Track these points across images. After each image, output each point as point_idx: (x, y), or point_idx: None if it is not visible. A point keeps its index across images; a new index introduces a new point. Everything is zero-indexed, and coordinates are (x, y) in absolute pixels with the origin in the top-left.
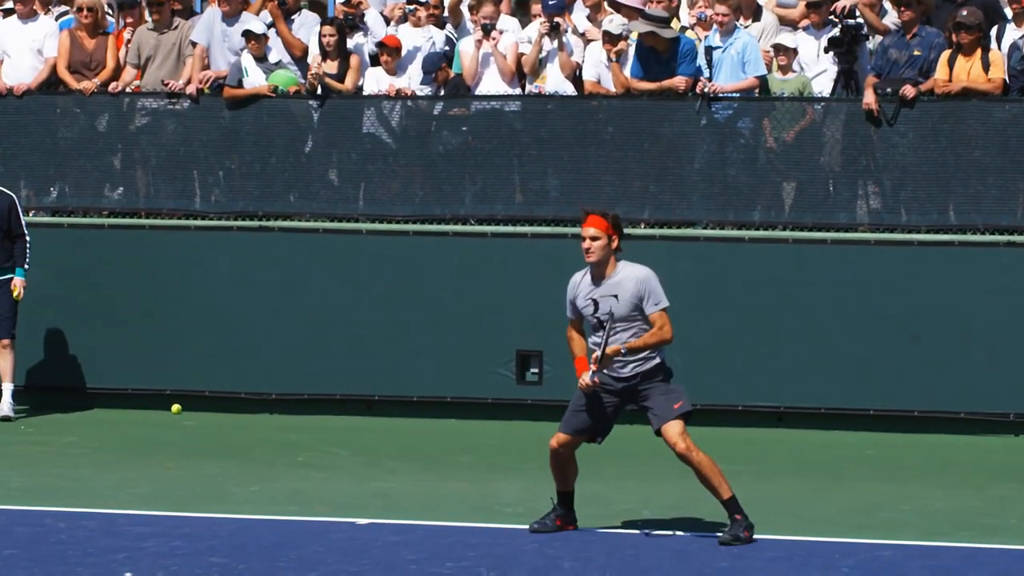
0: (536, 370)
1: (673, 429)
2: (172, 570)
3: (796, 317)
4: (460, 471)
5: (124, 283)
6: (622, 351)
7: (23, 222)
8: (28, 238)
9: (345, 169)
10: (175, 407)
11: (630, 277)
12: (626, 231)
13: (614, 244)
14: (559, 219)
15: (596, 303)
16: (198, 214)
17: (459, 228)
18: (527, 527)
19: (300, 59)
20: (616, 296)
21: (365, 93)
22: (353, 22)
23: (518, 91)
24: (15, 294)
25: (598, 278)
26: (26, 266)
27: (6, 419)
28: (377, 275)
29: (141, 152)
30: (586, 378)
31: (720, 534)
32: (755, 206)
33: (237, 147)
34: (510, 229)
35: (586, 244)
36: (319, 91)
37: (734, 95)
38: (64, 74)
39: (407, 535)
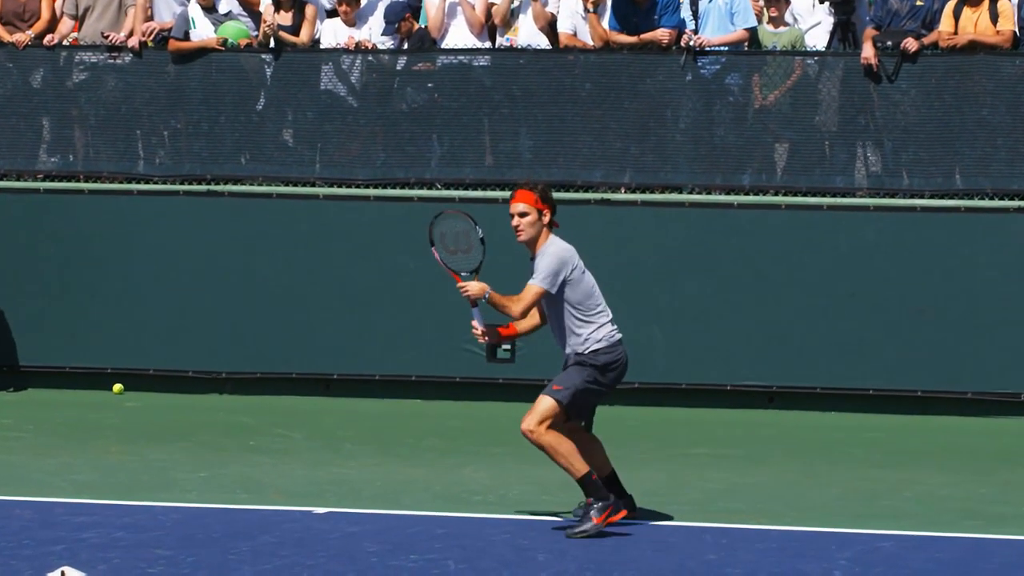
0: (508, 347)
1: (539, 403)
2: (114, 563)
3: (789, 289)
4: (425, 456)
5: (61, 253)
6: (484, 297)
7: None
8: None
9: (300, 129)
10: (117, 387)
11: (543, 253)
12: (606, 196)
13: (545, 218)
14: (533, 183)
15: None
16: (141, 178)
17: (424, 193)
18: (498, 516)
19: (252, 10)
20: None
21: (322, 46)
22: None
23: (488, 44)
24: None
25: (531, 255)
26: None
27: None
28: (336, 244)
29: (79, 111)
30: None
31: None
32: (745, 169)
33: (183, 105)
34: (480, 194)
35: (514, 222)
36: (272, 44)
37: (722, 49)
38: None
39: (367, 525)
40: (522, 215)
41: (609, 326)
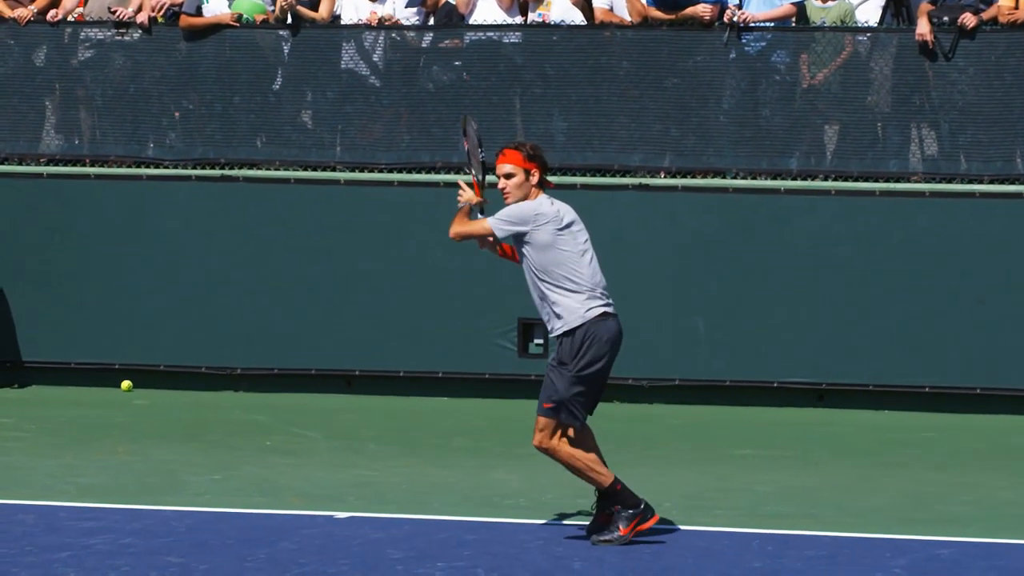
0: (541, 341)
1: (537, 422)
2: (122, 571)
3: (839, 280)
4: (453, 457)
5: (65, 241)
6: (470, 204)
7: None
8: None
9: (320, 110)
10: (125, 384)
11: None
12: (644, 181)
13: (533, 178)
14: (567, 167)
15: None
16: (151, 162)
17: (452, 178)
18: (531, 522)
19: None
20: None
21: (343, 22)
22: None
23: (519, 20)
24: None
25: None
26: None
27: None
28: (358, 232)
29: (85, 91)
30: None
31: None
32: (792, 153)
33: (196, 85)
34: None
35: (500, 184)
36: (290, 20)
37: (767, 25)
38: None
39: (392, 530)
40: (508, 176)
41: (586, 302)
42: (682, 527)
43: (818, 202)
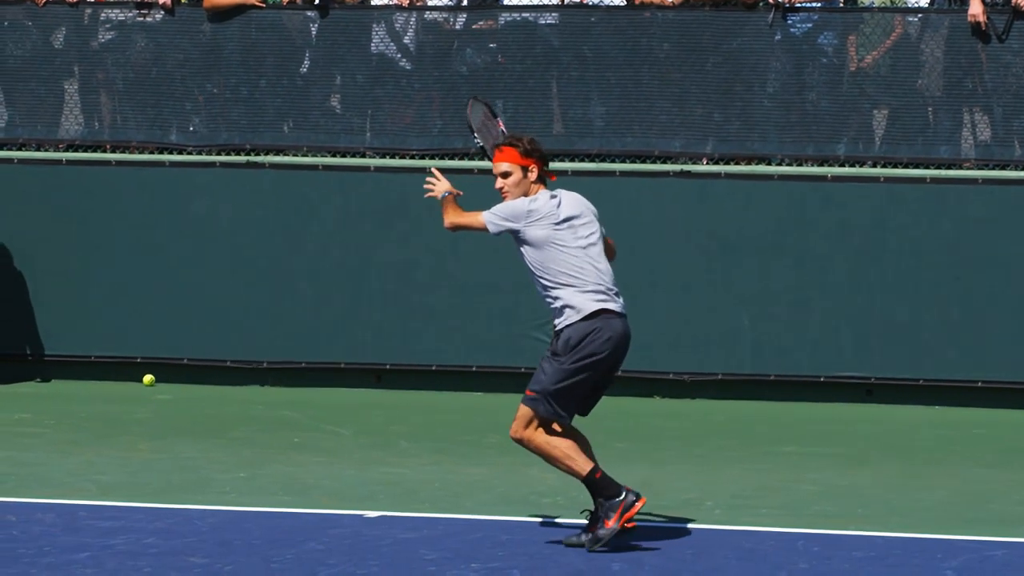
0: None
1: (519, 409)
2: (144, 571)
3: (889, 271)
4: (487, 454)
5: (85, 230)
6: (442, 197)
7: None
8: None
9: (349, 94)
10: (147, 378)
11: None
12: (686, 167)
13: (532, 174)
14: (605, 153)
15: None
16: (174, 148)
17: (486, 164)
18: (569, 521)
19: None
20: None
21: (373, 3)
22: None
23: (556, 1)
24: None
25: None
26: None
27: None
28: (388, 220)
29: (106, 74)
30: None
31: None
32: (839, 138)
33: (220, 68)
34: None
35: (498, 184)
36: (318, 0)
37: (814, 5)
38: None
39: (424, 530)
40: (505, 175)
41: (587, 297)
42: (725, 527)
43: (866, 189)
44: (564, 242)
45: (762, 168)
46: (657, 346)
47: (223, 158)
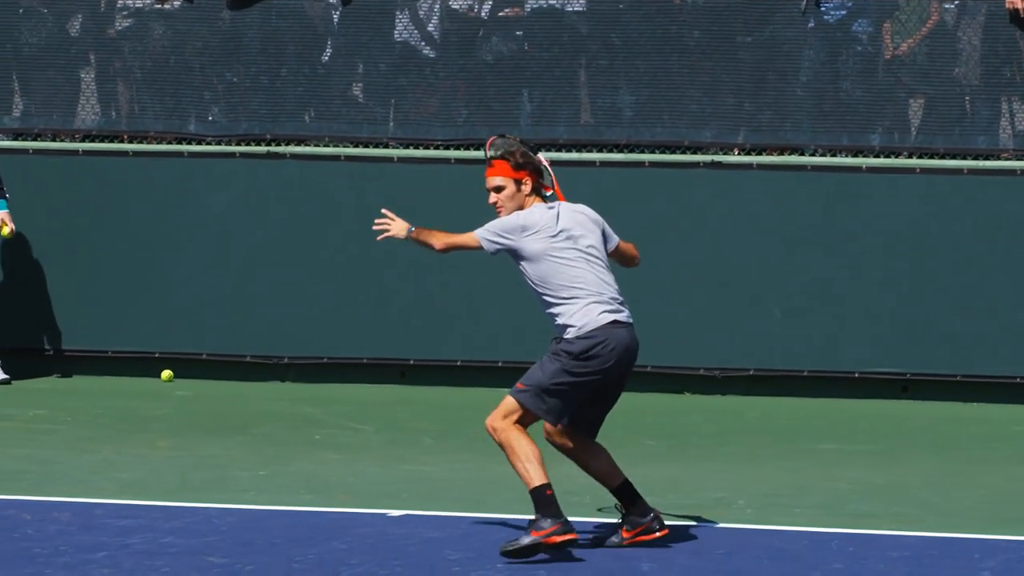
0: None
1: (503, 400)
2: (163, 571)
3: (925, 264)
4: None
5: (102, 222)
6: (407, 233)
7: None
8: None
9: (372, 83)
10: (165, 374)
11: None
12: (717, 158)
13: (526, 187)
14: (634, 143)
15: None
16: (192, 138)
17: None
18: (597, 520)
19: None
20: None
21: None
22: None
23: None
24: (4, 231)
25: None
26: (8, 196)
27: (5, 383)
28: (412, 212)
29: (123, 63)
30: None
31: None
32: (874, 128)
33: (240, 56)
34: (575, 156)
35: (491, 199)
36: None
37: None
38: None
39: (449, 530)
40: (498, 189)
41: (590, 308)
42: (757, 526)
43: (902, 181)
44: (563, 254)
45: (795, 159)
46: (687, 341)
47: (243, 149)
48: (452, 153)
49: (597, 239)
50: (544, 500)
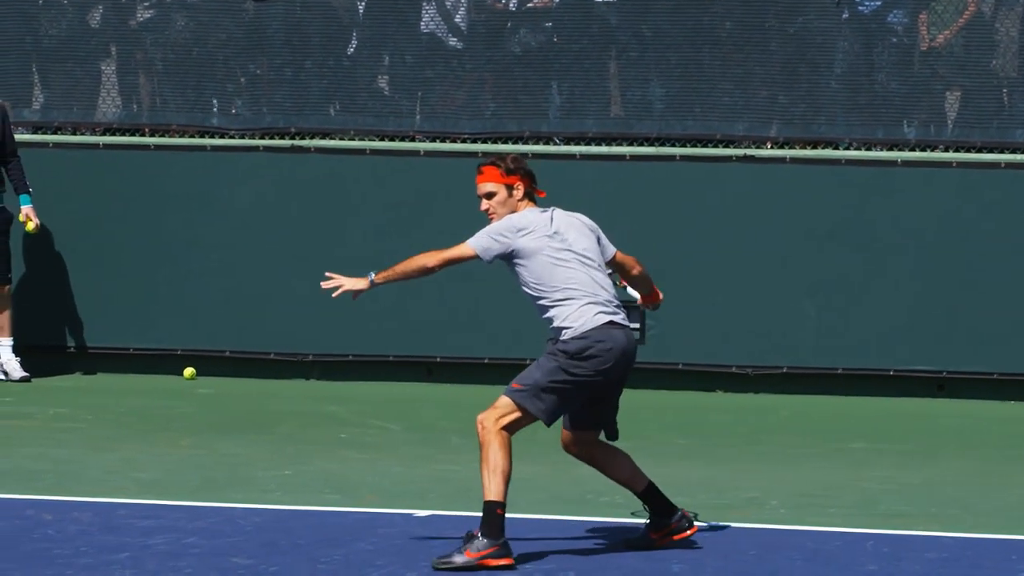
0: (637, 325)
1: (498, 399)
2: (185, 572)
3: (961, 259)
4: (541, 451)
5: (123, 217)
6: (369, 281)
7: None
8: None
9: (398, 75)
10: (188, 371)
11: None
12: (749, 152)
13: (517, 192)
14: (665, 137)
15: None
16: (215, 131)
17: (540, 148)
18: (628, 522)
19: None
20: None
21: None
22: None
23: None
24: (29, 227)
25: None
26: (31, 190)
27: (25, 380)
28: (438, 206)
29: (144, 54)
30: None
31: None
32: (910, 121)
33: (264, 48)
34: (604, 150)
35: (483, 205)
36: None
37: None
38: None
39: (475, 530)
40: (489, 196)
41: (586, 308)
42: (790, 527)
43: (938, 175)
44: (558, 255)
45: (829, 152)
46: (718, 338)
47: (266, 142)
48: (479, 147)
49: (592, 243)
50: (491, 517)
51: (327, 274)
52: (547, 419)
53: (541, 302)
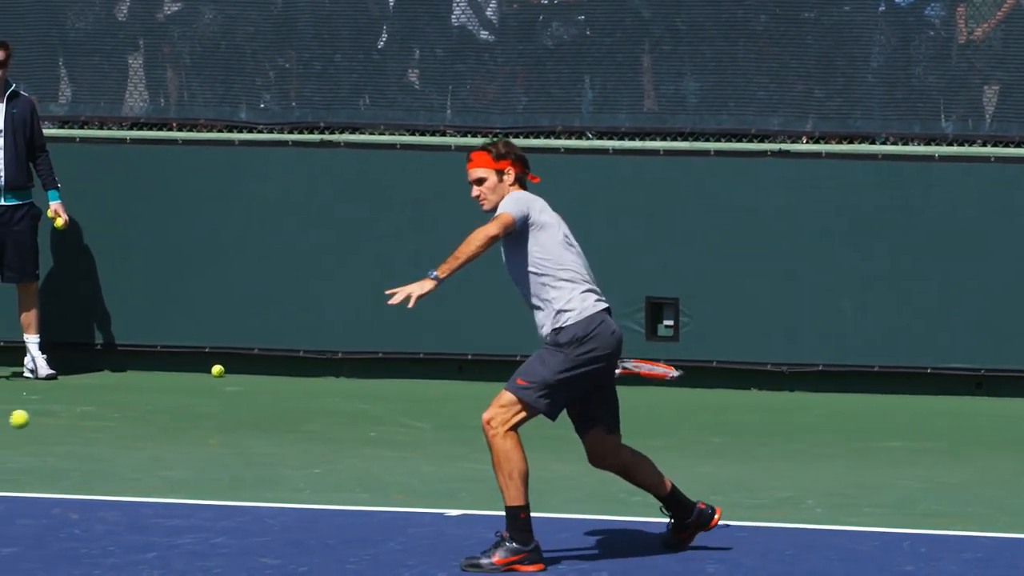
0: (671, 322)
1: (502, 395)
2: (214, 572)
3: (1000, 256)
4: (574, 450)
5: (151, 213)
6: (433, 280)
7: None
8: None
9: (429, 69)
10: (216, 369)
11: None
12: (785, 146)
13: (508, 177)
14: (699, 131)
15: None
16: (244, 126)
17: (573, 143)
18: (663, 520)
19: None
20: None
21: None
22: None
23: None
24: (58, 223)
25: None
26: (59, 185)
27: (51, 378)
28: (469, 202)
29: (172, 48)
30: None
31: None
32: (948, 116)
33: (292, 42)
34: (637, 144)
35: (474, 192)
36: None
37: None
38: None
39: (504, 531)
40: (479, 182)
41: (587, 295)
42: (826, 527)
43: (975, 170)
44: (565, 236)
45: (865, 147)
46: (753, 336)
47: (295, 137)
48: (512, 141)
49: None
50: (517, 523)
51: (388, 292)
52: (553, 415)
53: (544, 279)
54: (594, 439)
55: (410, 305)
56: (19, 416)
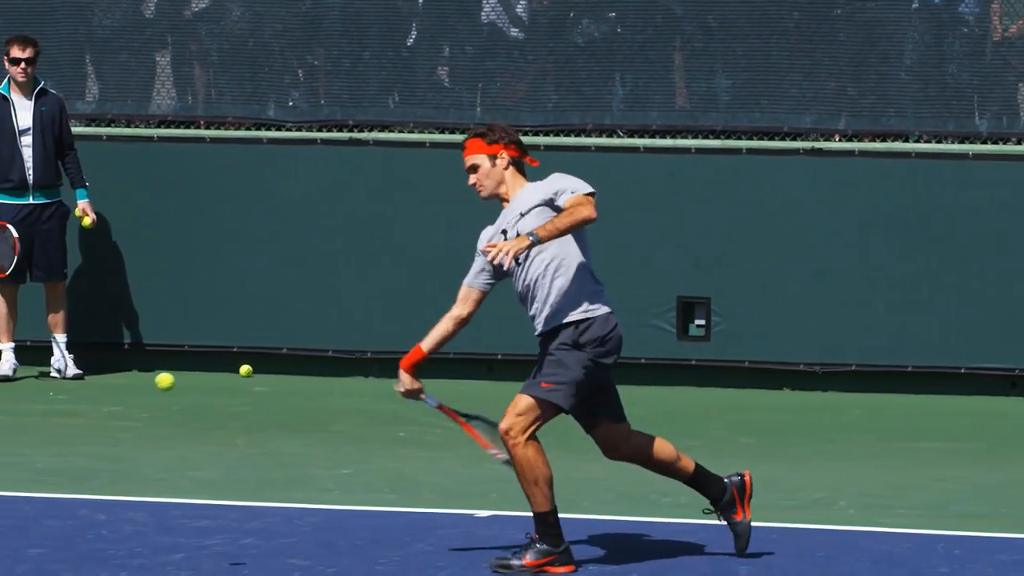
0: (703, 322)
1: (519, 402)
2: (243, 574)
3: None
4: None
5: (178, 211)
6: (531, 239)
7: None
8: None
9: (458, 67)
10: (244, 368)
11: (534, 187)
12: (817, 144)
13: (502, 160)
14: (731, 129)
15: (504, 233)
16: (272, 123)
17: (604, 141)
18: (698, 522)
19: None
20: (522, 213)
21: None
22: None
23: None
24: (86, 222)
25: (504, 209)
26: (87, 184)
27: (78, 378)
28: (498, 201)
29: (199, 45)
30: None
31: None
32: (982, 114)
33: (321, 39)
34: (668, 142)
35: (470, 180)
36: None
37: None
38: None
39: (534, 533)
40: (473, 169)
41: (600, 291)
42: (859, 528)
43: (1010, 168)
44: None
45: (898, 145)
46: (786, 335)
47: (324, 135)
48: (542, 139)
49: None
50: (545, 527)
51: (484, 248)
52: (572, 409)
53: (580, 274)
54: (605, 431)
55: (506, 265)
56: (165, 379)
